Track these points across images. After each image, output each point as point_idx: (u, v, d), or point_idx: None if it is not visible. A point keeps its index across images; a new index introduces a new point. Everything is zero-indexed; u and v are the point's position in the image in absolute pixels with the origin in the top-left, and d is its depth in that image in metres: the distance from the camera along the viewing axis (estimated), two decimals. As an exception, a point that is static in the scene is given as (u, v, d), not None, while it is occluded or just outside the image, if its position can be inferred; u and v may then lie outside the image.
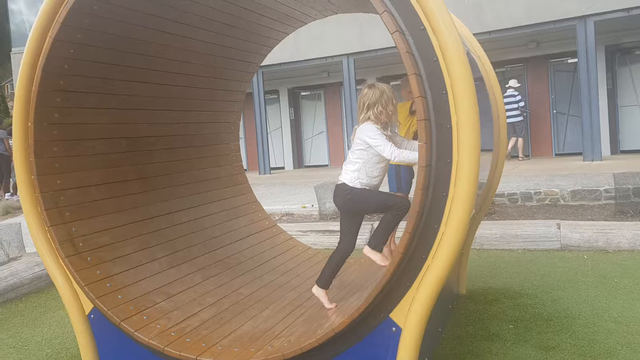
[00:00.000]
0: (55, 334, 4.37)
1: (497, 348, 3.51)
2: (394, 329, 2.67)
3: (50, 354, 3.96)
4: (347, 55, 14.82)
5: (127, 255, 3.50)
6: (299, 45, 14.18)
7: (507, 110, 12.97)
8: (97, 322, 3.21)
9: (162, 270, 3.67)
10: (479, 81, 3.72)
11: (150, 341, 3.00)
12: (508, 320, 3.99)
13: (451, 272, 2.88)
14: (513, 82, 13.95)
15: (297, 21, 4.48)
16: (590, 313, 4.02)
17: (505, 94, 13.47)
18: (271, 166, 16.90)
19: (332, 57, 15.03)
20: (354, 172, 3.28)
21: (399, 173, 4.59)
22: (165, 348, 2.97)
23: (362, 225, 3.53)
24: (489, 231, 6.48)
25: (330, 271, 3.46)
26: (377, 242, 3.37)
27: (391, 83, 17.33)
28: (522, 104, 13.97)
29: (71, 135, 3.38)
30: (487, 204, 4.70)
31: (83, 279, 3.14)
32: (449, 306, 4.15)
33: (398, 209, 3.25)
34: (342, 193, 3.34)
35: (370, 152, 3.24)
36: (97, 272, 3.25)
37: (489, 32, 12.55)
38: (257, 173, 16.39)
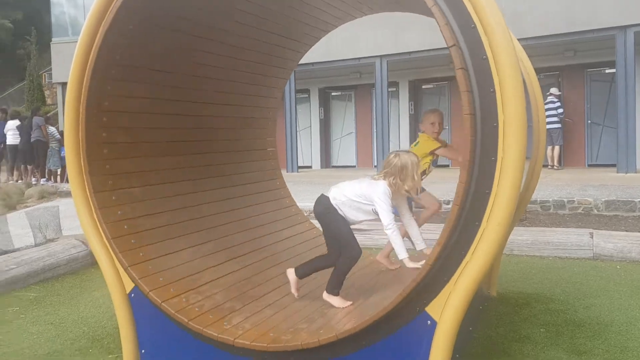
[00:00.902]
0: (91, 313, 4.50)
1: (529, 350, 3.51)
2: (429, 322, 2.69)
3: (86, 331, 4.08)
4: (381, 56, 14.84)
5: (168, 240, 3.59)
6: (332, 45, 14.23)
7: (548, 116, 12.82)
8: (137, 301, 3.30)
9: (200, 256, 3.75)
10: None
11: (189, 322, 3.08)
12: (539, 324, 3.98)
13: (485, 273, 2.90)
14: (554, 90, 13.80)
15: (338, 19, 4.53)
16: (623, 321, 3.98)
17: (545, 101, 13.33)
18: (299, 165, 17.01)
19: (365, 58, 15.06)
20: (343, 202, 3.43)
21: None
22: (204, 329, 3.04)
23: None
24: (520, 237, 6.44)
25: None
26: (333, 286, 3.48)
27: (423, 87, 17.32)
28: (560, 110, 13.80)
29: (119, 122, 3.49)
30: (520, 211, 4.69)
31: (127, 259, 3.23)
32: (479, 307, 4.15)
33: (350, 255, 3.43)
34: (323, 205, 3.49)
35: (368, 206, 3.40)
36: (140, 254, 3.34)
37: (527, 39, 12.43)
38: (285, 171, 16.51)
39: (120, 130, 3.50)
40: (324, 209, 3.49)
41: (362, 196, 3.42)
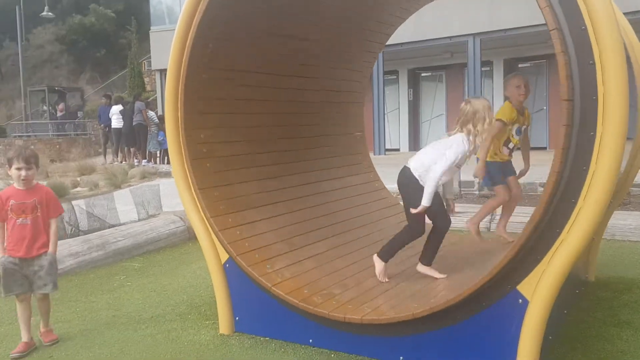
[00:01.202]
0: (190, 283, 4.78)
1: (628, 335, 3.35)
2: (520, 301, 2.65)
3: (185, 299, 4.35)
4: (474, 35, 14.35)
5: (261, 220, 3.75)
6: (421, 25, 13.93)
7: None
8: (231, 271, 3.48)
9: (291, 236, 3.88)
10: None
11: (286, 295, 3.21)
12: (640, 310, 3.78)
13: (581, 254, 2.80)
14: None
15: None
16: None
17: None
18: (386, 147, 16.91)
19: (457, 36, 14.63)
20: (425, 170, 3.42)
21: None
22: (300, 302, 3.16)
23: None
24: (623, 221, 6.09)
25: (394, 248, 3.58)
26: (427, 258, 3.60)
27: (520, 65, 16.59)
28: None
29: (215, 109, 3.67)
30: (622, 194, 4.45)
31: (225, 237, 3.41)
32: (575, 290, 4.00)
33: (439, 227, 3.51)
34: (405, 177, 3.52)
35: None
36: (237, 232, 3.51)
37: (634, 13, 11.57)
38: (372, 154, 16.47)
39: (215, 117, 3.68)
40: (406, 179, 3.51)
41: (441, 154, 3.42)
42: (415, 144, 18.72)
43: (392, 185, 5.78)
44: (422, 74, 18.69)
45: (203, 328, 3.69)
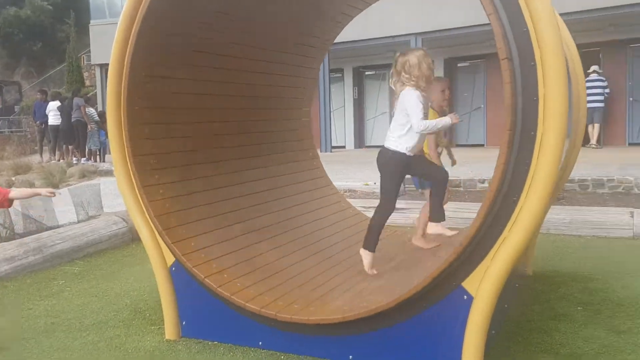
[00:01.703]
0: (133, 287, 4.64)
1: (566, 328, 3.49)
2: (465, 297, 2.71)
3: (129, 303, 4.21)
4: (415, 34, 14.64)
5: (207, 219, 3.67)
6: (366, 24, 14.08)
7: (591, 95, 12.47)
8: (178, 275, 3.40)
9: (237, 235, 3.82)
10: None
11: (233, 297, 3.16)
12: (576, 302, 3.94)
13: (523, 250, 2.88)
14: (596, 67, 13.41)
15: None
16: (665, 302, 3.91)
17: (589, 79, 12.89)
18: (332, 145, 17.01)
19: (400, 36, 14.87)
20: (399, 139, 3.47)
21: None
22: (247, 304, 3.12)
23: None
24: (557, 216, 6.34)
25: (374, 233, 3.60)
26: (436, 214, 3.62)
27: (459, 65, 17.03)
28: (607, 90, 13.47)
29: (159, 103, 3.56)
30: (557, 189, 4.62)
31: (170, 236, 3.32)
32: (515, 285, 4.13)
33: (441, 177, 3.61)
34: (386, 156, 3.54)
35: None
36: (182, 231, 3.43)
37: (567, 14, 12.06)
38: (319, 151, 16.52)
39: (160, 110, 3.57)
40: (386, 158, 3.54)
41: (401, 117, 3.45)
42: (360, 142, 18.93)
43: (339, 183, 5.83)
44: (366, 73, 18.89)
45: (148, 334, 3.58)
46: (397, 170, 3.51)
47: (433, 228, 3.67)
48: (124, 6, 3.30)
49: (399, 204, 7.11)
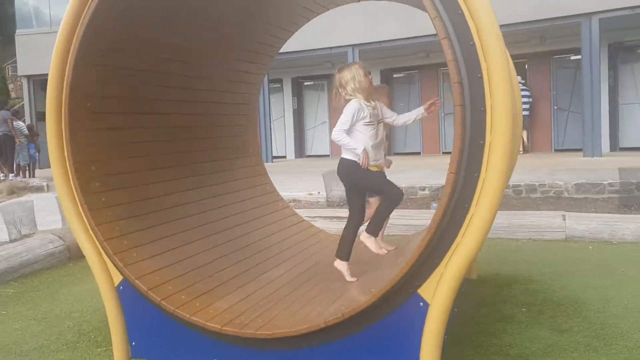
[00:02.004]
0: (74, 308, 4.44)
1: (513, 329, 3.61)
2: (421, 304, 2.76)
3: (71, 325, 4.03)
4: (353, 46, 14.88)
5: (152, 227, 3.57)
6: (304, 35, 14.17)
7: None
8: (125, 293, 3.28)
9: (183, 244, 3.74)
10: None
11: (176, 310, 3.08)
12: (520, 304, 4.09)
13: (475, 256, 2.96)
14: (519, 78, 14.09)
15: (320, 7, 4.53)
16: (599, 299, 4.12)
17: None
18: (273, 155, 16.98)
19: (337, 47, 15.07)
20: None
21: None
22: (192, 317, 3.05)
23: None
24: (495, 221, 6.53)
25: (347, 244, 3.61)
26: (373, 229, 3.61)
27: (394, 75, 17.42)
28: (530, 99, 14.21)
29: (102, 116, 3.45)
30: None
31: (112, 249, 3.20)
32: (462, 289, 4.23)
33: (390, 198, 3.55)
34: (342, 167, 3.56)
35: (357, 125, 3.47)
36: (124, 242, 3.31)
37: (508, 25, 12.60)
38: (259, 161, 16.44)
39: (104, 117, 3.45)
40: (344, 169, 3.55)
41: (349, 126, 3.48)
42: (301, 151, 18.98)
43: (283, 193, 5.81)
44: (305, 83, 19.01)
45: (95, 357, 3.44)
46: (354, 177, 3.53)
47: (365, 239, 3.64)
48: (63, 19, 3.18)
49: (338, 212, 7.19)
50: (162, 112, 4.00)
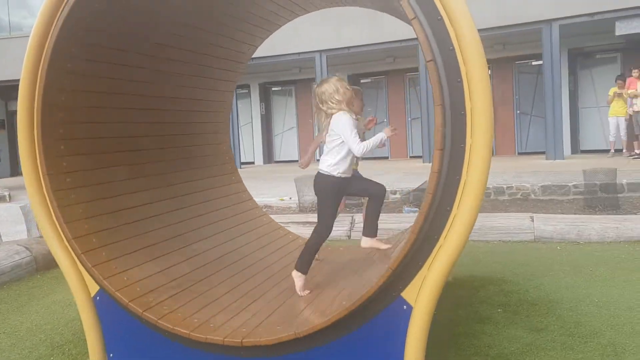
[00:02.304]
0: (45, 320, 4.31)
1: (491, 330, 3.67)
2: (405, 307, 2.77)
3: (43, 339, 3.91)
4: (320, 51, 14.93)
5: (130, 239, 3.51)
6: (272, 41, 14.15)
7: None
8: (102, 304, 3.20)
9: (161, 254, 3.68)
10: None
11: (158, 321, 3.02)
12: (496, 304, 4.16)
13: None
14: None
15: (292, 13, 4.54)
16: (572, 298, 4.22)
17: None
18: (242, 161, 16.88)
19: (305, 53, 15.10)
20: (335, 167, 3.45)
21: None
22: (175, 327, 2.99)
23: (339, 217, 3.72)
24: (467, 223, 6.67)
25: (309, 255, 3.55)
26: (370, 229, 3.68)
27: (362, 81, 17.55)
28: None
29: (76, 118, 3.37)
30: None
31: (90, 260, 3.13)
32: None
33: (375, 195, 3.66)
34: (321, 181, 3.51)
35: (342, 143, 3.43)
36: (103, 253, 3.24)
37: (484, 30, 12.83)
38: (227, 167, 16.32)
39: (78, 127, 3.38)
40: (322, 183, 3.51)
41: (334, 142, 3.45)
42: (269, 157, 18.93)
43: (254, 199, 5.77)
44: (273, 88, 18.98)
45: (71, 369, 3.35)
46: (332, 194, 3.50)
47: (367, 242, 3.72)
48: (34, 26, 3.10)
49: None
50: (135, 121, 3.94)
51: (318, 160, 3.64)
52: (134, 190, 3.73)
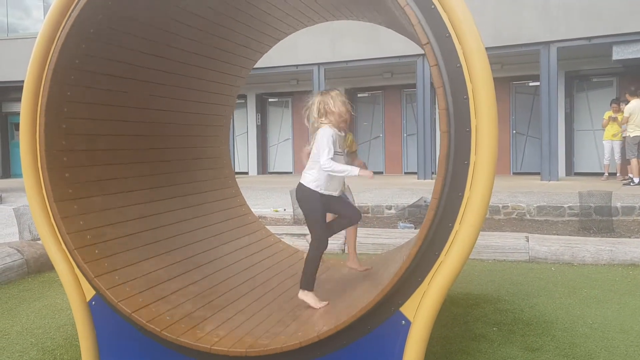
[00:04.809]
0: (36, 324, 4.26)
1: (486, 348, 3.65)
2: (403, 322, 2.75)
3: (34, 342, 3.86)
4: (318, 64, 15.00)
5: (130, 250, 3.48)
6: (270, 52, 14.23)
7: None
8: (98, 309, 3.17)
9: (163, 266, 3.64)
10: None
11: (162, 332, 2.98)
12: (491, 323, 4.15)
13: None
14: None
15: (299, 22, 4.56)
16: (566, 319, 4.22)
17: None
18: (236, 170, 16.84)
19: (303, 65, 15.17)
20: (315, 182, 3.48)
21: None
22: (179, 338, 2.96)
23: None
24: (462, 241, 6.67)
25: (310, 271, 3.51)
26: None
27: (358, 95, 17.64)
28: None
29: (78, 130, 3.36)
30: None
31: (83, 258, 3.10)
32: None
33: (348, 218, 3.69)
34: (300, 192, 3.55)
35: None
36: (105, 264, 3.21)
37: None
38: (221, 177, 16.28)
39: (80, 138, 3.36)
40: (302, 194, 3.53)
41: (315, 155, 3.47)
42: (263, 168, 18.91)
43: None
44: (270, 99, 19.02)
45: (62, 375, 3.31)
46: (313, 205, 3.50)
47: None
48: (42, 29, 3.10)
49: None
50: (138, 120, 3.92)
51: None
52: (130, 189, 3.71)
